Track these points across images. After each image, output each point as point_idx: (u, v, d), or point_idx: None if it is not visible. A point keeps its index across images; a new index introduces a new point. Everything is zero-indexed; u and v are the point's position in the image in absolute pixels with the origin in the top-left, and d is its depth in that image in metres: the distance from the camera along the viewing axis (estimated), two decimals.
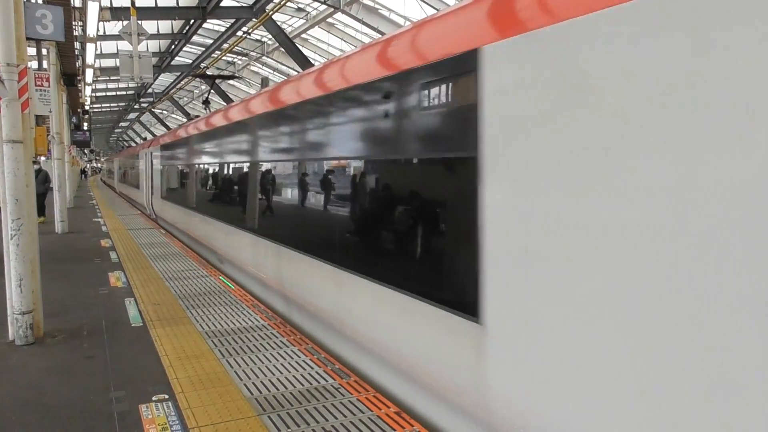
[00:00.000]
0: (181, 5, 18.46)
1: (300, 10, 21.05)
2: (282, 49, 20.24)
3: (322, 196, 5.29)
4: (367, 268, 4.26)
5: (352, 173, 4.68)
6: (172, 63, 25.97)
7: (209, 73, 21.55)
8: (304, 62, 17.35)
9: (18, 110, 4.90)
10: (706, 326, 1.94)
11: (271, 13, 17.07)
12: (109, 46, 23.13)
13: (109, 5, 16.97)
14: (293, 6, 20.40)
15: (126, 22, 13.55)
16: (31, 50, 8.43)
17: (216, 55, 24.12)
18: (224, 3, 17.60)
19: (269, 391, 4.06)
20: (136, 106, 41.38)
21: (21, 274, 5.02)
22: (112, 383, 4.22)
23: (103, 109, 45.06)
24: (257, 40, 25.31)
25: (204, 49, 24.99)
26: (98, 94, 36.41)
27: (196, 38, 22.89)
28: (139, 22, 13.02)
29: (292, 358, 4.73)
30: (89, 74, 20.77)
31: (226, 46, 22.26)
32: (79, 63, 17.42)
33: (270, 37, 21.68)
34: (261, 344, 5.11)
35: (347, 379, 4.28)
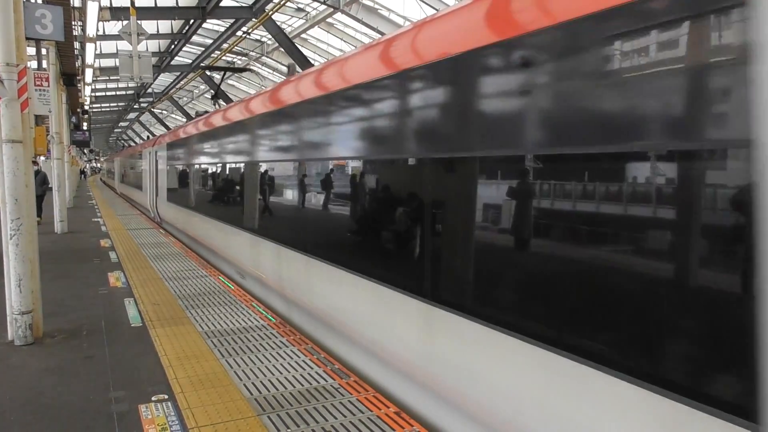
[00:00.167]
0: (180, 5, 18.44)
1: (300, 10, 21.04)
2: (282, 49, 20.22)
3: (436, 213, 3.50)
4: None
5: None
6: (172, 63, 25.94)
7: (219, 65, 20.41)
8: (304, 62, 17.35)
9: (17, 110, 4.90)
10: None
11: (270, 13, 17.06)
12: (108, 46, 23.11)
13: (109, 5, 16.95)
14: (293, 6, 20.40)
15: (126, 22, 13.54)
16: (31, 50, 8.43)
17: (216, 55, 24.11)
18: (224, 3, 17.58)
19: (269, 391, 4.06)
20: (135, 106, 41.33)
21: (20, 274, 5.02)
22: (112, 383, 4.22)
23: (103, 109, 45.01)
24: (257, 40, 25.31)
25: (204, 49, 24.99)
26: (98, 94, 36.37)
27: (195, 38, 22.87)
28: (139, 22, 13.02)
29: (292, 358, 4.73)
30: (89, 74, 20.77)
31: (225, 46, 22.24)
32: (78, 63, 17.41)
33: (270, 37, 21.67)
34: (260, 344, 5.11)
35: (347, 379, 4.28)
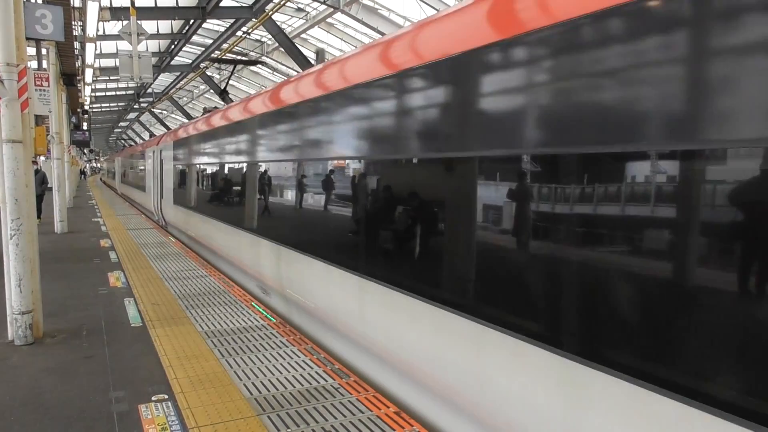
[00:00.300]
0: (180, 5, 18.45)
1: (300, 10, 21.04)
2: (282, 49, 20.22)
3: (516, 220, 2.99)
4: None
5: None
6: (172, 63, 25.96)
7: (228, 57, 18.67)
8: (304, 62, 17.34)
9: (17, 110, 4.90)
10: None
11: (270, 13, 17.05)
12: (108, 46, 23.12)
13: (109, 5, 16.96)
14: (293, 6, 20.39)
15: (126, 22, 13.54)
16: (31, 50, 8.43)
17: (216, 55, 24.12)
18: (224, 3, 17.58)
19: (269, 391, 4.06)
20: (135, 106, 41.34)
21: (20, 274, 5.02)
22: (112, 383, 4.22)
23: (103, 109, 44.99)
24: (257, 40, 25.31)
25: (204, 49, 25.00)
26: (98, 94, 36.36)
27: (195, 38, 22.87)
28: (139, 22, 13.02)
29: (292, 358, 4.73)
30: (89, 74, 20.77)
31: (225, 46, 22.24)
32: (78, 63, 17.41)
33: (270, 37, 21.67)
34: (260, 344, 5.11)
35: (347, 379, 4.29)
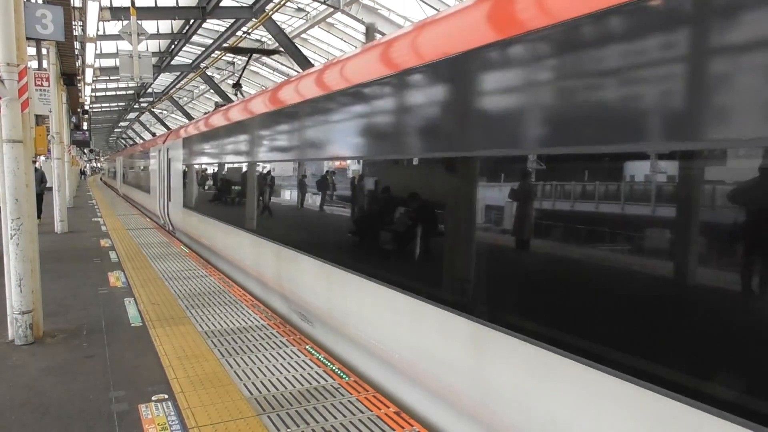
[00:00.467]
0: (181, 5, 18.46)
1: (300, 10, 21.04)
2: (282, 49, 20.23)
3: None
4: None
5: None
6: (172, 63, 25.97)
7: (243, 46, 16.80)
8: (304, 62, 17.34)
9: (18, 110, 4.90)
10: None
11: (270, 13, 17.06)
12: (108, 46, 23.13)
13: (109, 5, 16.97)
14: (293, 6, 20.39)
15: (126, 22, 13.54)
16: (31, 50, 8.44)
17: (216, 55, 24.13)
18: (224, 3, 17.59)
19: (269, 391, 4.06)
20: (135, 106, 41.36)
21: (21, 274, 5.03)
22: (112, 383, 4.23)
23: (103, 109, 45.01)
24: (257, 40, 25.30)
25: (204, 49, 25.01)
26: (98, 94, 36.37)
27: (195, 38, 22.88)
28: (139, 22, 13.02)
29: (292, 358, 4.74)
30: (89, 74, 20.77)
31: (226, 46, 22.24)
32: (78, 63, 17.42)
33: (270, 37, 21.66)
34: (260, 344, 5.12)
35: (347, 379, 4.29)
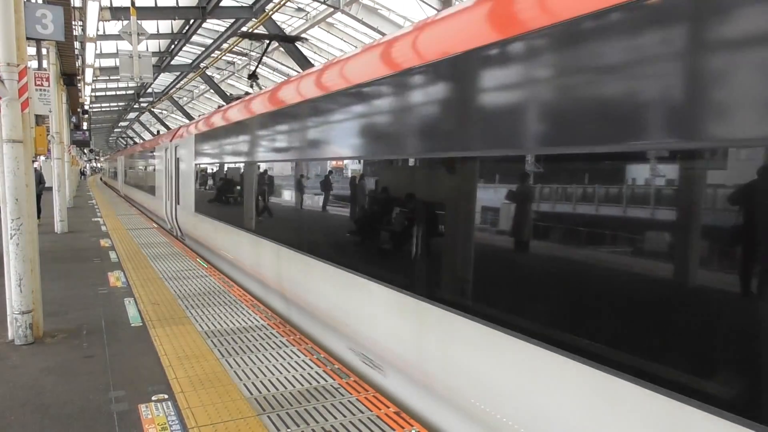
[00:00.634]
0: (181, 5, 18.45)
1: (300, 10, 21.03)
2: (282, 49, 20.24)
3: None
4: None
5: None
6: (172, 63, 25.96)
7: (260, 32, 15.13)
8: (304, 62, 17.33)
9: (18, 110, 4.90)
10: None
11: (270, 13, 17.04)
12: (108, 46, 23.12)
13: (109, 5, 16.96)
14: (293, 6, 20.38)
15: (126, 22, 13.54)
16: (31, 50, 8.43)
17: (216, 55, 24.13)
18: (224, 3, 17.57)
19: (269, 391, 4.06)
20: (135, 106, 41.34)
21: (20, 274, 5.03)
22: (112, 383, 4.23)
23: (103, 109, 44.99)
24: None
25: (204, 49, 25.01)
26: (98, 94, 36.35)
27: (195, 38, 22.87)
28: (139, 22, 13.01)
29: (292, 358, 4.74)
30: (89, 74, 20.77)
31: (226, 45, 22.24)
32: (78, 63, 17.42)
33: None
34: (260, 344, 5.12)
35: (347, 379, 4.29)
